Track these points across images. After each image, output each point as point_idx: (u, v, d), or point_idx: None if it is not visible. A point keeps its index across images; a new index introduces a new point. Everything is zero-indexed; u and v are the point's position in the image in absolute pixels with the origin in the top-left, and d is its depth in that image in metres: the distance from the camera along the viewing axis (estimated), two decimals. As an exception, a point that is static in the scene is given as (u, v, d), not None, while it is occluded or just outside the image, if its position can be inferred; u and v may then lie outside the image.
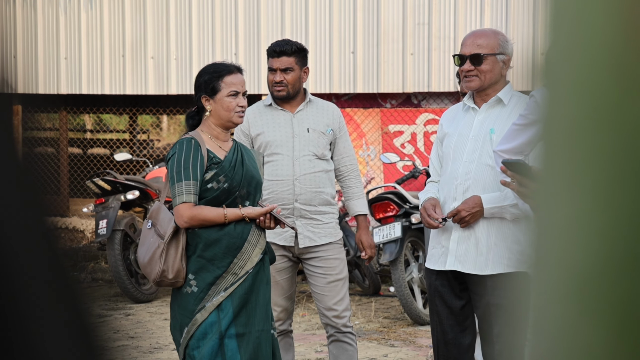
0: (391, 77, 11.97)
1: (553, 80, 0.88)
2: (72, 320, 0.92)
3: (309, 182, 6.13)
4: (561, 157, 0.87)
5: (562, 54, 0.87)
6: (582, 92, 0.86)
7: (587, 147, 0.85)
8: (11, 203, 0.87)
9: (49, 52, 13.40)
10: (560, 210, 0.87)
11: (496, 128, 5.13)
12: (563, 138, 0.87)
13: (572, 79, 0.86)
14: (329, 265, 6.19)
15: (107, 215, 10.77)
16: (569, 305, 0.86)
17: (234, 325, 4.92)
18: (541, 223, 0.89)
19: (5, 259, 0.86)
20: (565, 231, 0.87)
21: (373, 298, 11.03)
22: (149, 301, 10.98)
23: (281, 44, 6.22)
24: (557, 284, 0.87)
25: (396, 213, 9.76)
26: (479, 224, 5.15)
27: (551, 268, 0.87)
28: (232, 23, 12.59)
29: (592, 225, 0.85)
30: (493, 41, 5.20)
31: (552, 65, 0.88)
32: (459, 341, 5.32)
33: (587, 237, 0.85)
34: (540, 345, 0.89)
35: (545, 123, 0.89)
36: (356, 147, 11.99)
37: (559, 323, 0.87)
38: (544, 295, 0.88)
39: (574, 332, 0.86)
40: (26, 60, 13.47)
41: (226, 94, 5.07)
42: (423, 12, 11.85)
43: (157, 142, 18.63)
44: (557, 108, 0.88)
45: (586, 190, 0.85)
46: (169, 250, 4.95)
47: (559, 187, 0.87)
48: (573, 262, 0.86)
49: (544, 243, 0.89)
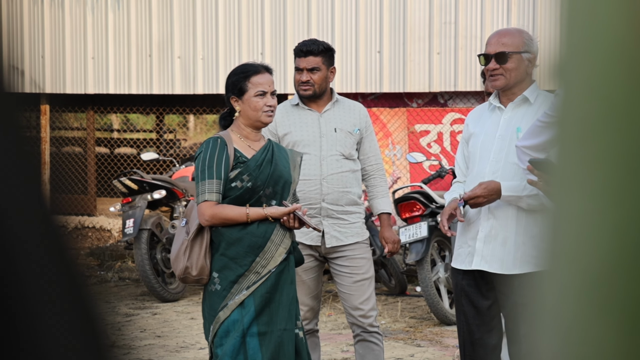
0: (417, 77, 11.95)
1: (566, 78, 0.88)
2: (79, 319, 0.92)
3: (336, 182, 6.13)
4: (574, 155, 0.87)
5: (575, 52, 0.87)
6: (595, 90, 0.86)
7: (601, 145, 0.85)
8: (18, 202, 0.87)
9: (77, 52, 13.45)
10: (573, 208, 0.87)
11: (522, 127, 5.10)
12: (576, 136, 0.87)
13: (585, 77, 0.86)
14: (355, 265, 6.19)
15: (134, 214, 10.80)
16: (582, 302, 0.86)
17: (256, 323, 4.95)
18: (555, 220, 0.89)
19: (12, 258, 0.86)
20: (579, 229, 0.86)
21: (399, 298, 11.01)
22: (176, 300, 11.00)
23: (308, 44, 6.22)
24: (570, 282, 0.87)
25: (422, 213, 9.74)
26: (505, 223, 5.13)
27: (564, 265, 0.87)
28: (258, 23, 12.60)
29: (605, 223, 0.85)
30: (518, 39, 5.18)
31: (565, 63, 0.88)
32: (485, 341, 5.31)
33: (600, 234, 0.85)
34: (553, 342, 0.89)
35: (559, 121, 0.89)
36: (382, 146, 11.98)
37: (571, 320, 0.87)
38: (557, 293, 0.88)
39: (586, 330, 0.86)
40: (54, 60, 13.53)
41: (253, 94, 5.11)
42: (450, 11, 11.82)
43: (183, 141, 18.69)
44: (570, 106, 0.88)
45: (599, 187, 0.85)
46: (193, 248, 5.01)
47: (572, 185, 0.87)
48: (586, 260, 0.85)
49: (558, 240, 0.89)
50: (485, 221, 5.18)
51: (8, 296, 0.86)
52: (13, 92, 0.88)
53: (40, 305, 0.88)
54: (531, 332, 0.92)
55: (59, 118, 14.91)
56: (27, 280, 0.87)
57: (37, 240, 0.90)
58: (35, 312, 0.88)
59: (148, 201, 11.01)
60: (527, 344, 3.87)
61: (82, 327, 0.92)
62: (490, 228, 5.16)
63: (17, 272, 0.87)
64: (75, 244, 0.93)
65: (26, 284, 0.87)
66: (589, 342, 0.85)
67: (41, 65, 13.53)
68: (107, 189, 14.66)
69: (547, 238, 0.90)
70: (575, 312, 0.86)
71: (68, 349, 0.90)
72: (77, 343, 0.91)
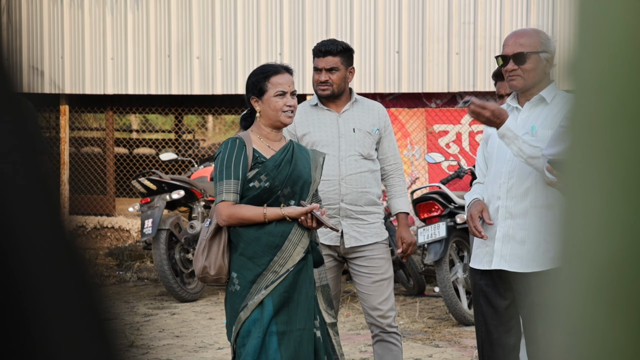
0: (436, 77, 11.94)
1: (579, 76, 0.89)
2: (91, 324, 0.93)
3: (355, 182, 6.13)
4: (586, 152, 0.87)
5: (587, 50, 0.88)
6: (607, 88, 0.86)
7: (612, 142, 0.85)
8: (25, 201, 0.88)
9: (96, 53, 13.50)
10: (585, 205, 0.87)
11: (537, 125, 5.10)
12: (588, 133, 0.87)
13: (597, 75, 0.87)
14: (374, 265, 6.19)
15: (153, 214, 10.82)
16: (594, 299, 0.86)
17: (274, 322, 4.96)
18: (567, 217, 0.89)
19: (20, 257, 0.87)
20: (590, 226, 0.87)
21: (418, 298, 11.00)
22: (194, 300, 11.02)
23: (327, 44, 6.22)
24: (581, 279, 0.87)
25: (441, 213, 9.74)
26: (523, 222, 5.12)
27: (576, 262, 0.88)
28: (277, 23, 12.61)
29: (617, 220, 0.85)
30: (535, 40, 5.18)
31: (577, 61, 0.89)
32: (503, 341, 5.30)
33: (612, 231, 0.85)
34: (564, 339, 0.89)
35: (572, 118, 0.89)
36: (401, 146, 11.97)
37: (583, 317, 0.87)
38: (569, 290, 0.89)
39: (597, 326, 0.86)
40: (73, 60, 13.58)
41: (273, 94, 5.11)
42: (468, 11, 11.80)
43: (202, 141, 18.73)
44: (582, 104, 0.88)
45: (611, 184, 0.85)
46: (211, 247, 5.04)
47: (584, 182, 0.88)
48: (598, 257, 0.86)
49: (570, 237, 0.89)
50: (502, 221, 5.17)
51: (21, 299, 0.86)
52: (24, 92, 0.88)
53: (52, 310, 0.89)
54: (547, 331, 0.93)
55: (78, 118, 14.96)
56: (39, 284, 0.88)
57: (49, 243, 0.90)
58: (48, 316, 0.88)
59: (167, 201, 11.03)
60: (544, 344, 3.86)
61: (93, 332, 0.93)
62: (508, 228, 5.15)
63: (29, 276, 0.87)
64: (91, 244, 0.94)
65: (38, 287, 0.88)
66: (601, 339, 0.86)
67: (61, 65, 13.58)
68: (126, 189, 14.70)
69: (559, 235, 0.90)
70: (587, 309, 0.86)
71: (80, 352, 0.91)
72: (89, 347, 0.92)
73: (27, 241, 0.88)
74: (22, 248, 0.87)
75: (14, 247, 0.87)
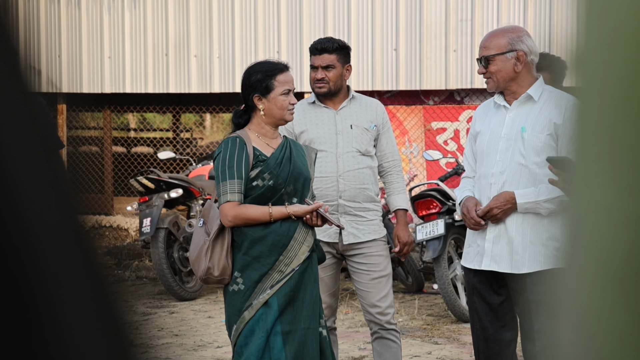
0: (434, 74, 11.94)
1: (586, 70, 0.89)
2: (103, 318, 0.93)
3: (353, 178, 6.13)
4: (594, 146, 0.87)
5: (594, 44, 0.87)
6: (615, 81, 0.86)
7: (620, 136, 0.85)
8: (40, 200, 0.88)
9: (93, 52, 13.49)
10: (594, 200, 0.87)
11: (527, 126, 5.13)
12: (596, 127, 0.87)
13: (605, 69, 0.87)
14: (372, 262, 6.19)
15: (151, 213, 10.82)
16: (604, 295, 0.86)
17: (279, 322, 4.93)
18: (576, 213, 0.89)
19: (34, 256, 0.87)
20: (599, 221, 0.87)
21: (416, 295, 11.01)
22: (193, 299, 11.02)
23: (323, 42, 6.23)
24: (591, 274, 0.87)
25: (439, 210, 9.74)
26: (513, 224, 5.14)
27: (586, 258, 0.88)
28: (274, 21, 12.61)
29: (626, 214, 0.85)
30: (501, 40, 5.23)
31: (584, 55, 0.89)
32: (499, 337, 5.32)
33: (621, 226, 0.85)
34: (575, 336, 0.89)
35: (579, 113, 0.89)
36: (399, 144, 11.97)
37: (593, 313, 0.87)
38: (579, 286, 0.89)
39: (608, 322, 0.86)
40: (70, 59, 13.57)
41: (280, 93, 5.10)
42: (466, 8, 11.80)
43: (200, 140, 18.71)
44: (590, 98, 0.88)
45: (620, 179, 0.85)
46: (215, 248, 4.98)
47: (592, 177, 0.88)
48: (607, 252, 0.86)
49: (579, 233, 0.89)
50: (492, 222, 5.21)
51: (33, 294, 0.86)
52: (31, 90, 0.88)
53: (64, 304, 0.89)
54: (545, 329, 0.92)
55: (76, 117, 14.95)
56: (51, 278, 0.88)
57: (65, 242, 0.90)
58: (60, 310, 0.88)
59: (165, 200, 11.03)
60: (541, 341, 3.89)
61: (106, 326, 0.93)
62: (498, 229, 5.19)
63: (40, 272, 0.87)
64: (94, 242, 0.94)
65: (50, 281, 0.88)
66: (609, 333, 0.85)
67: (58, 64, 13.57)
68: (124, 188, 14.69)
69: (568, 231, 0.90)
70: (597, 305, 0.86)
71: (91, 347, 0.91)
72: (101, 342, 0.92)
73: (43, 240, 0.88)
74: (38, 248, 0.87)
75: (31, 247, 0.87)
